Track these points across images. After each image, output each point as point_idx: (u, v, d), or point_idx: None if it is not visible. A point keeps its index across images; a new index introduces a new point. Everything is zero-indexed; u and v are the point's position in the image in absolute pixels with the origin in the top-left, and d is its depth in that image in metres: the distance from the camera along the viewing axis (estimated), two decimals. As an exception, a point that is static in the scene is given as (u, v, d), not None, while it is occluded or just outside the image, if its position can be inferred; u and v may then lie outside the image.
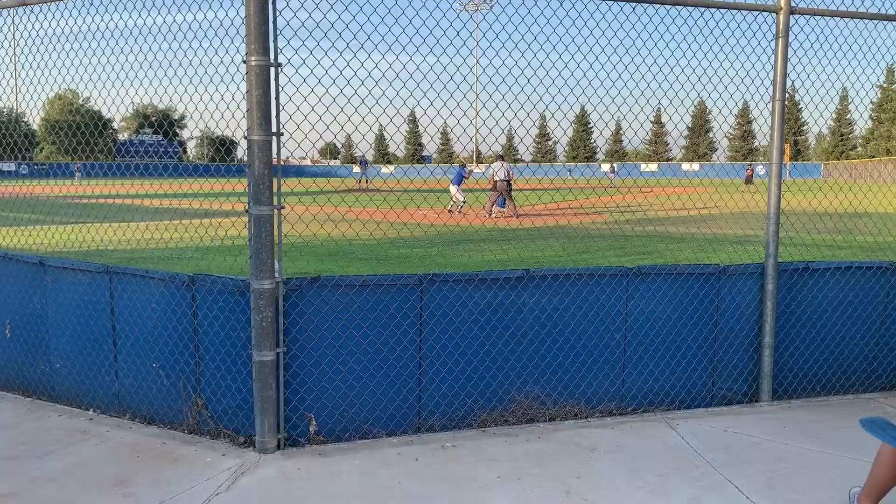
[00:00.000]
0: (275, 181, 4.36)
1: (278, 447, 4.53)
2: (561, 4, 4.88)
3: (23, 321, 5.49)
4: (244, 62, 4.26)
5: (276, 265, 4.44)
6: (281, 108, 4.33)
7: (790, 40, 5.21)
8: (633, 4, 5.07)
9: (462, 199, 22.73)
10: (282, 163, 4.40)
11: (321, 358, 4.63)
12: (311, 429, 4.64)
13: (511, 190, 22.28)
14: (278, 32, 4.29)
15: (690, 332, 5.29)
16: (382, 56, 4.60)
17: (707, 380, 5.35)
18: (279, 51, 4.31)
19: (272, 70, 4.28)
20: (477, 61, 5.17)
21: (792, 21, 5.17)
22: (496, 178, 21.86)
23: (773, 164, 5.33)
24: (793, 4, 5.18)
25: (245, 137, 4.30)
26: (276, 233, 4.41)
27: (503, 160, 22.40)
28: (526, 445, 4.62)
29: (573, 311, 5.02)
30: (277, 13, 4.26)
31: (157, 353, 4.89)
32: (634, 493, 3.98)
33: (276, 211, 4.38)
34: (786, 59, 5.21)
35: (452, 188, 22.91)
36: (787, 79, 5.26)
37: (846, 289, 5.59)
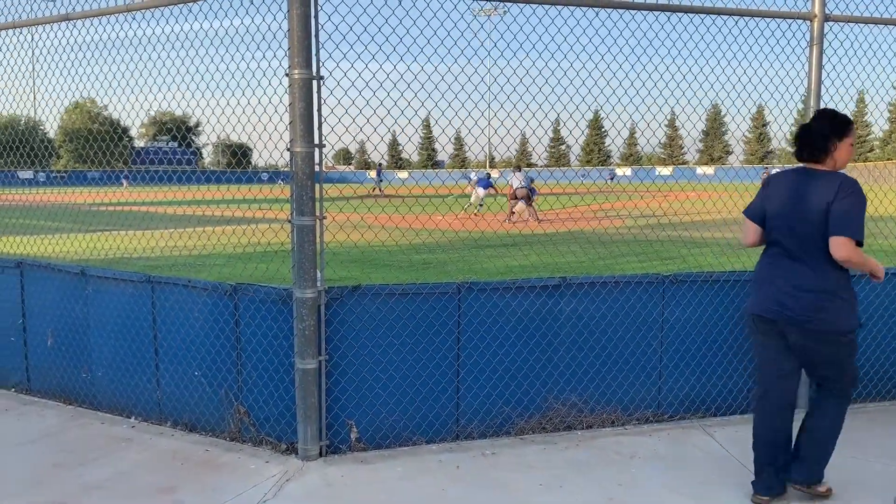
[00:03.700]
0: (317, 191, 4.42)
1: (320, 454, 4.58)
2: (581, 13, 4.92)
3: (64, 330, 5.57)
4: (287, 75, 4.32)
5: (318, 274, 4.49)
6: (323, 119, 4.39)
7: (824, 47, 5.22)
8: (665, 13, 5.10)
9: (480, 204, 22.87)
10: (324, 173, 4.47)
11: (362, 366, 4.68)
12: (352, 436, 4.69)
13: (531, 197, 22.38)
14: (320, 46, 4.36)
15: (726, 338, 5.30)
16: (394, 65, 4.64)
17: (744, 387, 5.35)
18: (321, 63, 4.37)
19: (314, 83, 4.35)
20: (488, 70, 5.21)
21: (827, 28, 5.18)
22: (514, 187, 22.01)
23: (807, 171, 5.32)
24: (827, 12, 5.19)
25: (288, 149, 4.37)
26: (318, 242, 4.46)
27: (520, 169, 22.61)
28: (565, 453, 4.65)
29: (609, 318, 5.04)
30: (320, 27, 4.33)
31: (199, 361, 4.95)
32: (678, 500, 4.00)
33: (318, 221, 4.44)
34: (820, 67, 5.22)
35: (480, 191, 23.24)
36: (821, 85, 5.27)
37: (872, 294, 5.56)
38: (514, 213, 22.34)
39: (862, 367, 5.58)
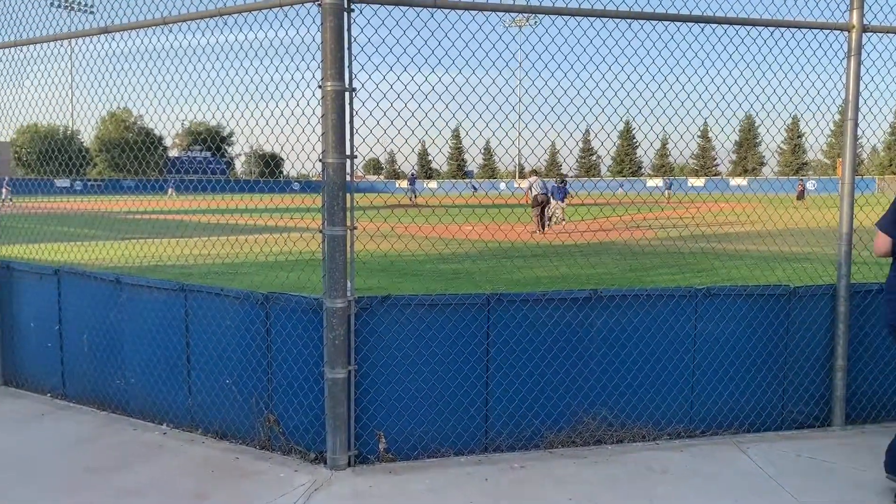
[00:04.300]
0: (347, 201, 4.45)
1: (349, 464, 4.59)
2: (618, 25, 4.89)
3: (99, 337, 5.67)
4: (320, 87, 4.36)
5: (349, 284, 4.51)
6: (355, 131, 4.43)
7: (862, 58, 5.13)
8: (699, 25, 5.05)
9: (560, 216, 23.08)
10: (354, 183, 4.50)
11: (391, 376, 4.68)
12: (380, 446, 4.69)
13: (549, 204, 22.36)
14: (353, 58, 4.39)
15: (760, 353, 5.21)
16: (425, 76, 4.66)
17: (777, 403, 5.26)
18: (353, 75, 4.41)
19: (347, 95, 4.38)
20: (519, 81, 5.21)
21: (865, 39, 5.10)
22: (534, 193, 21.99)
23: (844, 184, 5.24)
24: (865, 22, 5.10)
25: (320, 160, 4.41)
26: (348, 252, 4.48)
27: (537, 175, 22.63)
28: (595, 468, 4.59)
29: (641, 331, 4.99)
30: (352, 39, 4.37)
31: (230, 369, 5.00)
32: (711, 518, 3.93)
33: (349, 231, 4.46)
34: (858, 78, 5.13)
35: (560, 203, 23.56)
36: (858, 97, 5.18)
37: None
38: (544, 219, 22.27)
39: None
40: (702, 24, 5.02)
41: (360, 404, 4.64)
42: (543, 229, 22.01)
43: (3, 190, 35.80)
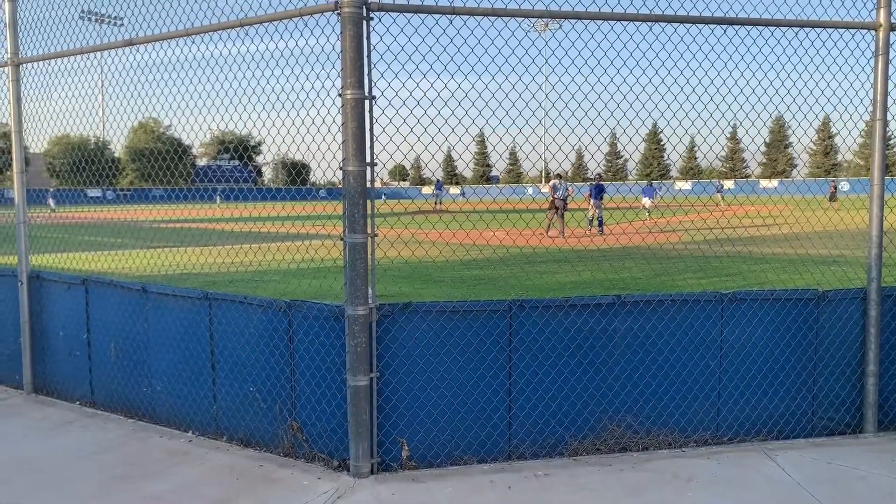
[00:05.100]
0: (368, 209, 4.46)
1: (371, 472, 4.59)
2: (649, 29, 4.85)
3: (126, 344, 5.74)
4: (340, 95, 4.38)
5: (370, 291, 4.52)
6: (375, 139, 4.44)
7: (890, 57, 5.03)
8: (721, 26, 5.00)
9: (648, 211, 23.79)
10: (374, 191, 4.50)
11: (413, 383, 4.68)
12: (403, 454, 4.68)
13: (566, 209, 22.27)
14: (372, 66, 4.41)
15: (788, 359, 5.12)
16: (460, 82, 4.66)
17: (807, 409, 5.16)
18: (373, 83, 4.42)
19: (366, 103, 4.40)
20: (539, 86, 5.18)
21: (893, 38, 5.00)
22: (555, 196, 22.00)
23: (874, 185, 5.13)
24: (893, 21, 5.01)
25: (340, 168, 4.42)
26: (369, 259, 4.49)
27: (560, 178, 22.60)
28: (620, 475, 4.54)
29: (666, 337, 4.93)
30: (372, 47, 4.38)
31: (254, 377, 5.03)
32: (738, 527, 3.86)
33: (369, 238, 4.47)
34: (886, 77, 5.04)
35: (647, 201, 25.24)
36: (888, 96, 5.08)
37: None
38: (555, 222, 22.25)
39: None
40: (724, 27, 4.96)
41: (383, 412, 4.64)
42: (548, 231, 21.97)
43: (50, 201, 37.22)
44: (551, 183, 22.89)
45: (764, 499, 4.19)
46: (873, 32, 5.06)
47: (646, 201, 31.86)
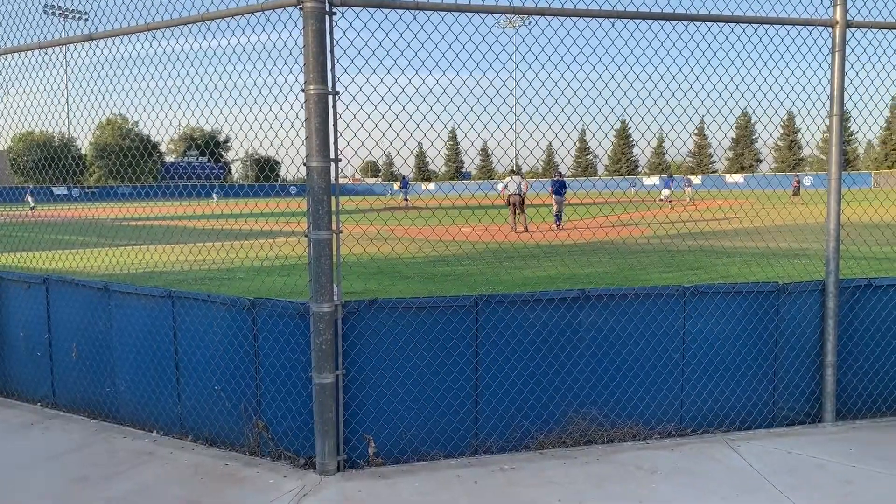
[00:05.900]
0: (333, 205, 4.44)
1: (338, 469, 4.57)
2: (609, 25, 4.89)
3: (88, 344, 5.65)
4: (303, 91, 4.35)
5: (335, 288, 4.50)
6: (339, 134, 4.41)
7: (846, 54, 5.13)
8: (683, 22, 5.05)
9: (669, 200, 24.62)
10: (339, 187, 4.48)
11: (379, 380, 4.67)
12: (369, 451, 4.68)
13: (524, 204, 22.45)
14: (336, 62, 4.38)
15: (750, 351, 5.21)
16: (424, 78, 4.66)
17: (768, 400, 5.25)
18: (336, 79, 4.40)
19: (330, 98, 4.37)
20: (516, 82, 5.21)
21: (849, 35, 5.10)
22: (507, 192, 22.19)
23: (831, 180, 5.24)
24: (849, 18, 5.11)
25: (304, 164, 4.39)
26: (334, 256, 4.47)
27: (515, 174, 22.83)
28: (585, 468, 4.58)
29: (630, 330, 4.98)
30: (335, 42, 4.36)
31: (218, 375, 4.99)
32: (700, 517, 3.92)
33: (334, 235, 4.45)
34: (843, 74, 5.14)
35: (665, 192, 27.74)
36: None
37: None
38: (516, 218, 22.43)
39: (892, 381, 5.45)
40: (685, 23, 5.02)
41: (349, 409, 4.63)
42: (515, 228, 22.13)
43: (29, 198, 37.25)
44: (505, 180, 23.10)
45: (726, 488, 4.26)
46: (830, 29, 5.16)
47: (665, 192, 34.67)
